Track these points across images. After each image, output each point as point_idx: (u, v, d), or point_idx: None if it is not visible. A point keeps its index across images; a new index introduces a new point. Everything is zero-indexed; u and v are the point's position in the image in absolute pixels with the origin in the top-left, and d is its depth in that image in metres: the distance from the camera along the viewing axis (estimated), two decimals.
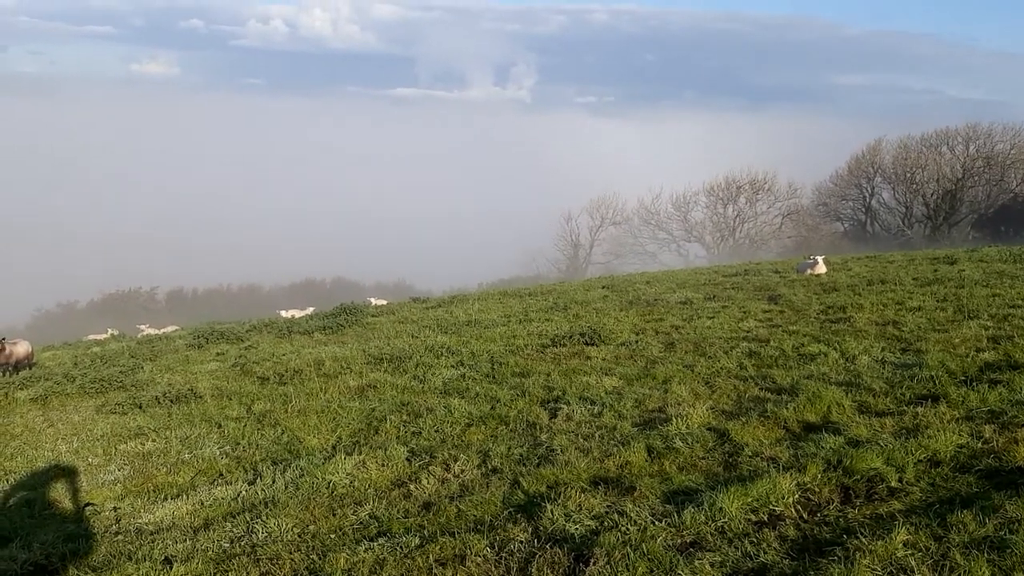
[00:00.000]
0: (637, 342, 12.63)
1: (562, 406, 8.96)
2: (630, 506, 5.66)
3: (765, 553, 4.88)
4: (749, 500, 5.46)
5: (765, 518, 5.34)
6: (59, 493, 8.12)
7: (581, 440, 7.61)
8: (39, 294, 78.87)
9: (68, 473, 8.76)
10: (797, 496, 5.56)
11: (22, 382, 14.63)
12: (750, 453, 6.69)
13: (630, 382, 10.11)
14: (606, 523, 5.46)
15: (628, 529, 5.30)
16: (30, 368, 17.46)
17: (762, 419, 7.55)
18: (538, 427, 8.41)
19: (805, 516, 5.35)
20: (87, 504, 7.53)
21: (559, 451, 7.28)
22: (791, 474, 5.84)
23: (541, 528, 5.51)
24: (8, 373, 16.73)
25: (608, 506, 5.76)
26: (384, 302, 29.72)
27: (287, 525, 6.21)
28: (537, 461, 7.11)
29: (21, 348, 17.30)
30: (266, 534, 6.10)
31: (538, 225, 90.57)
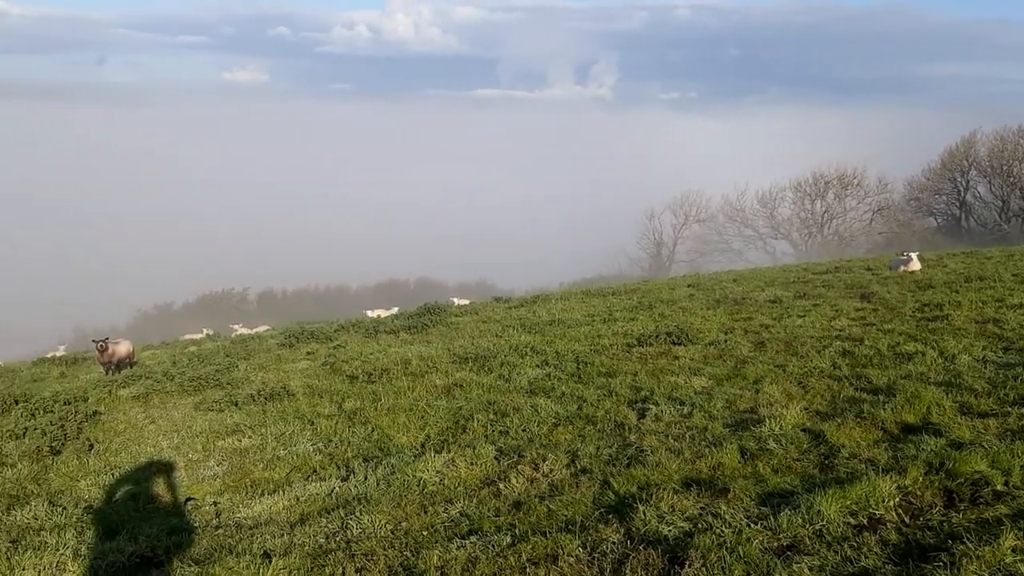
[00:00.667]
0: (726, 341, 12.45)
1: (650, 406, 8.89)
2: (724, 508, 5.59)
3: (866, 558, 4.76)
4: (848, 503, 5.33)
5: (865, 522, 5.20)
6: (161, 488, 8.41)
7: (671, 441, 7.54)
8: (138, 296, 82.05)
9: (169, 468, 9.07)
10: (898, 499, 5.40)
11: (124, 380, 15.18)
12: (847, 455, 6.53)
13: (720, 382, 9.98)
14: (700, 525, 5.40)
15: (723, 531, 5.23)
16: (131, 367, 18.13)
17: (858, 420, 7.37)
18: (626, 427, 8.36)
19: (907, 520, 5.20)
20: (188, 499, 7.79)
21: (649, 452, 7.22)
22: (891, 477, 5.68)
23: (633, 529, 5.48)
24: (111, 371, 17.41)
25: (701, 508, 5.70)
26: (467, 302, 29.96)
27: (380, 522, 6.31)
28: (627, 462, 7.06)
29: (123, 347, 17.99)
30: (360, 530, 6.20)
31: (620, 223, 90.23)
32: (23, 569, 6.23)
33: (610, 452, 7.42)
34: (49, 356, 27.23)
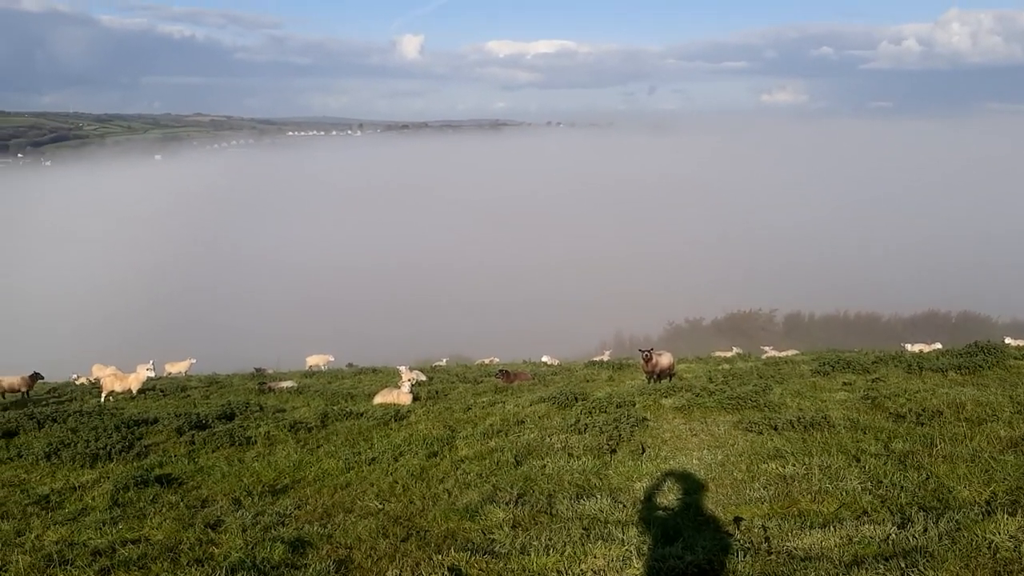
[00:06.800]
0: None
1: None
2: None
3: None
4: None
5: None
6: (709, 501, 8.73)
7: None
8: (671, 309, 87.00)
9: (716, 483, 9.38)
10: None
11: (666, 390, 16.12)
12: None
13: None
14: None
15: None
16: (670, 378, 19.18)
17: None
18: None
19: None
20: (737, 518, 7.95)
21: None
22: None
23: None
24: (652, 380, 18.61)
25: None
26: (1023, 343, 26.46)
27: None
28: None
29: (665, 359, 19.10)
30: None
31: None
32: (594, 557, 6.92)
33: None
34: (597, 359, 30.14)
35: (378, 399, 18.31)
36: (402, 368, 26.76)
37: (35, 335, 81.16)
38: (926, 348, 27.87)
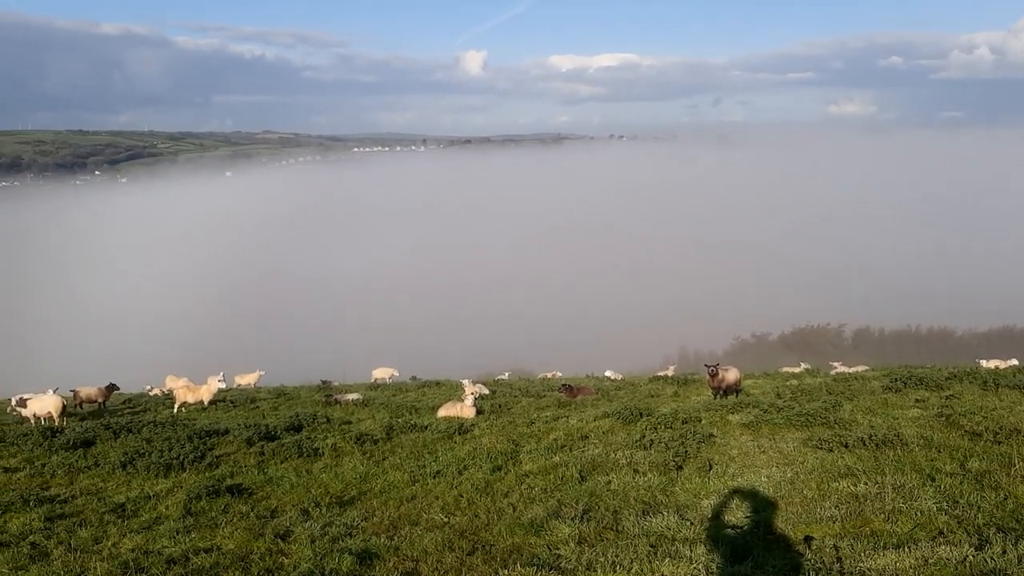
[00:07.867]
0: None
1: None
2: None
3: None
4: None
5: None
6: (779, 520, 8.56)
7: None
8: (737, 324, 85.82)
9: (785, 501, 9.21)
10: None
11: (733, 406, 15.89)
12: None
13: None
14: None
15: None
16: (737, 394, 18.91)
17: None
18: None
19: None
20: (807, 537, 7.79)
21: None
22: None
23: None
24: (719, 396, 18.37)
25: None
26: None
27: None
28: None
29: (732, 375, 18.85)
30: None
31: None
32: (662, 574, 6.85)
33: None
34: (661, 375, 29.89)
35: (442, 412, 18.42)
36: (465, 382, 26.89)
37: (111, 348, 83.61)
38: (1002, 364, 27.09)
